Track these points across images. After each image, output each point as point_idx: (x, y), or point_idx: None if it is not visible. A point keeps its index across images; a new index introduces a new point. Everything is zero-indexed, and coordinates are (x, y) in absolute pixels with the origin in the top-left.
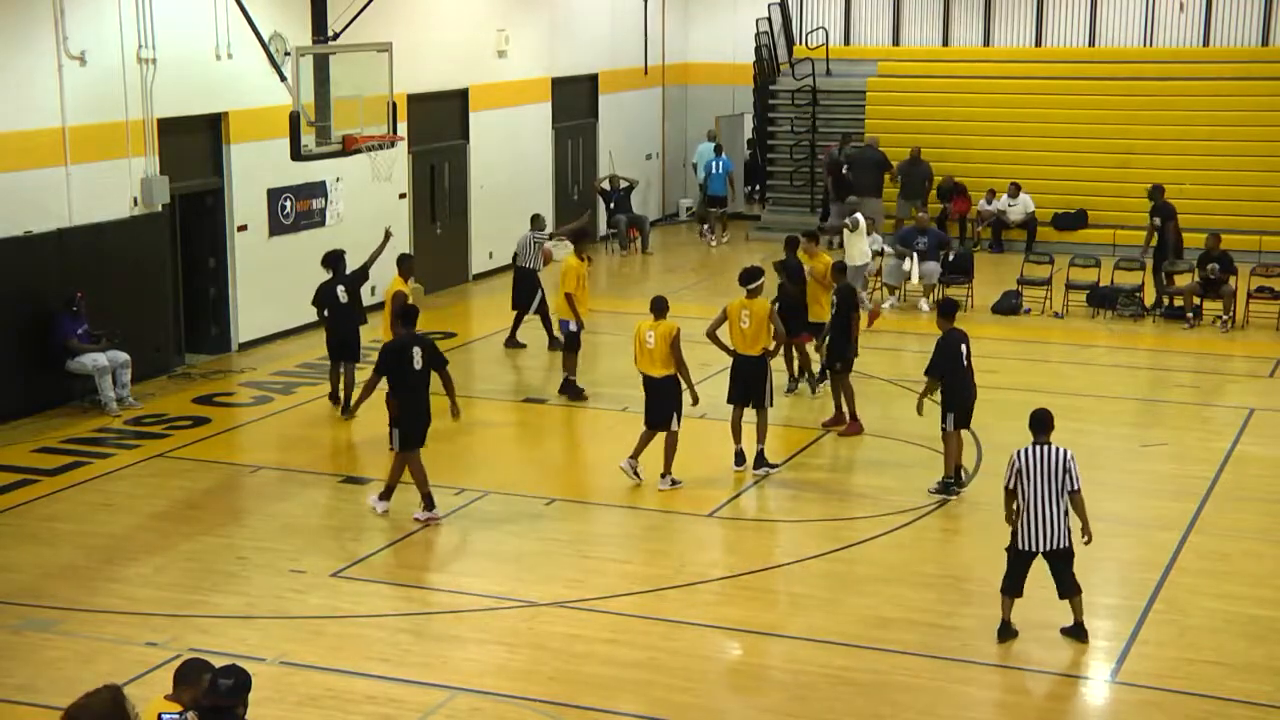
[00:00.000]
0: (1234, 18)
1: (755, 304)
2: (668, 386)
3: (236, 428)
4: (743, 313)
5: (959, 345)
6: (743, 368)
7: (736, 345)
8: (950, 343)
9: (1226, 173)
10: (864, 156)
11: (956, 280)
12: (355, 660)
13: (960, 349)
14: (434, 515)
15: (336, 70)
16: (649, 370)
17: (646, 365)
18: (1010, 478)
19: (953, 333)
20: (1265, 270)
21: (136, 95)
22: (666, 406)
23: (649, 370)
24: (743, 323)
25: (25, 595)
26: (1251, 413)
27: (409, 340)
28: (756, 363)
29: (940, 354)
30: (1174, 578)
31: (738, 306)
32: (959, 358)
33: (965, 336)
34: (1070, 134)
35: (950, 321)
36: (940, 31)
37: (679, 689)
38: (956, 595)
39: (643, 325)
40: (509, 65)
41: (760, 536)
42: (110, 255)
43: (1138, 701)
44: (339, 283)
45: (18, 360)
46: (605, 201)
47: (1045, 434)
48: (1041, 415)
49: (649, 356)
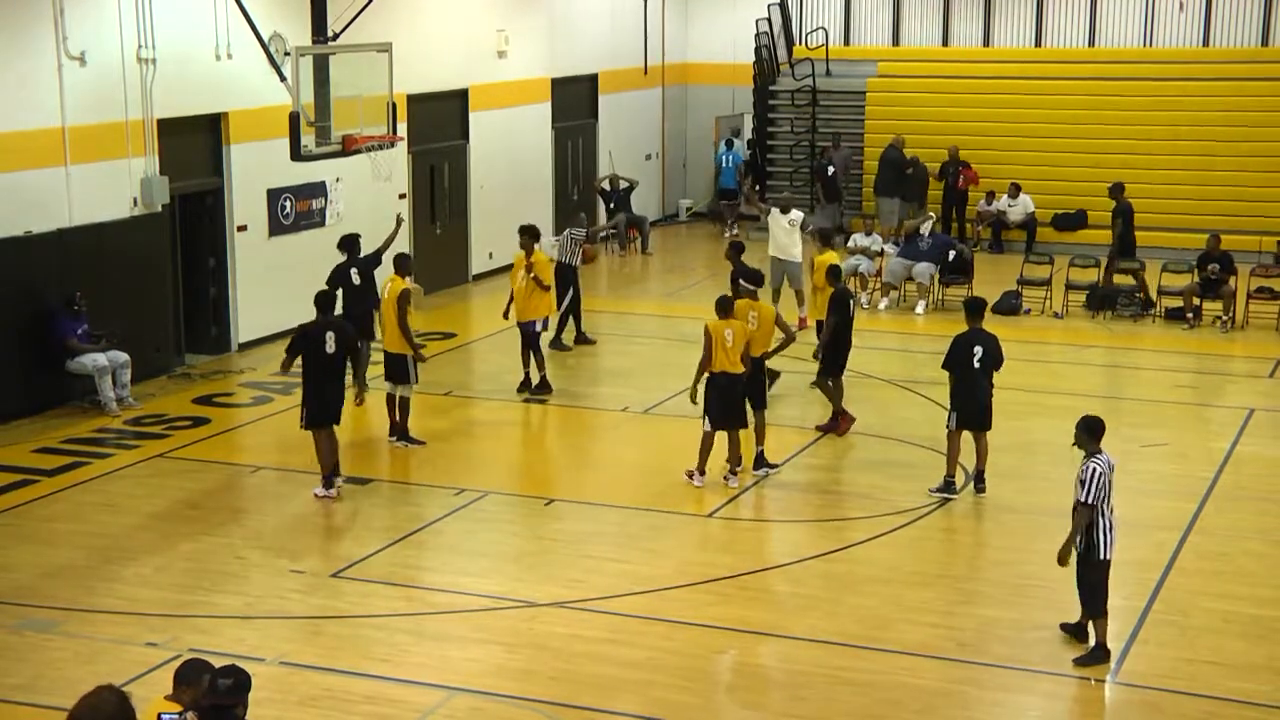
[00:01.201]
0: (1234, 18)
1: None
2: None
3: (236, 428)
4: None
5: (973, 345)
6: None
7: (724, 364)
8: (964, 341)
9: (1226, 173)
10: (884, 156)
11: (956, 280)
12: (354, 660)
13: (974, 349)
14: (329, 494)
15: (336, 70)
16: (733, 368)
17: (726, 363)
18: (1097, 492)
19: (973, 332)
20: (1265, 270)
21: (136, 95)
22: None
23: (733, 368)
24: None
25: (25, 595)
26: (1251, 413)
27: (324, 324)
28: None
29: (953, 350)
30: (1174, 578)
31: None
32: (971, 357)
33: (986, 338)
34: (1070, 134)
35: (978, 320)
36: (940, 31)
37: (679, 689)
38: (956, 595)
39: (718, 325)
40: (509, 65)
41: (760, 536)
42: (110, 255)
43: (1138, 701)
44: (352, 265)
45: (18, 360)
46: (605, 202)
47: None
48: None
49: (727, 355)
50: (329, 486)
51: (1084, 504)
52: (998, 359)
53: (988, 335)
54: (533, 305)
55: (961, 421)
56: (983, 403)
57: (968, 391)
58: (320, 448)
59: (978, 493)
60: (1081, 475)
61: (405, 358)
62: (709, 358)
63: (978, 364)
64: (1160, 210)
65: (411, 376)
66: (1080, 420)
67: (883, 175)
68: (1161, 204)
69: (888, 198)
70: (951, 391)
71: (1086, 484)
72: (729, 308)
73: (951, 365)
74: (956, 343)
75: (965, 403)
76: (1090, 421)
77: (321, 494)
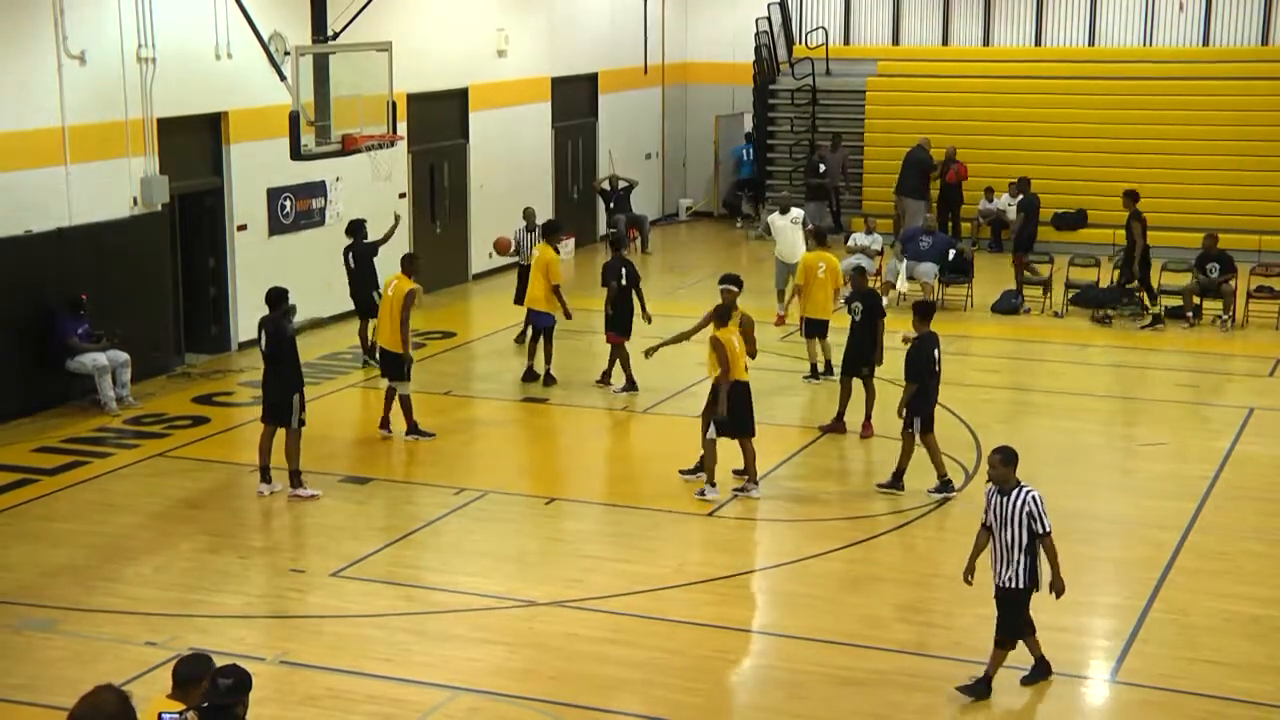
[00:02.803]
0: (1234, 17)
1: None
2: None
3: (236, 427)
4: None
5: (933, 350)
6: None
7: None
8: (925, 347)
9: (1226, 173)
10: (909, 157)
11: (956, 280)
12: (355, 660)
13: (934, 354)
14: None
15: (336, 70)
16: (744, 376)
17: (741, 372)
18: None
19: (928, 336)
20: (1265, 270)
21: (136, 95)
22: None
23: (744, 376)
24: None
25: (25, 595)
26: (1251, 412)
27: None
28: (746, 385)
29: (914, 359)
30: (1174, 578)
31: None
32: (932, 362)
33: (938, 341)
34: (1070, 134)
35: (926, 324)
36: (940, 31)
37: (679, 689)
38: (956, 595)
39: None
40: (509, 65)
41: (760, 536)
42: (110, 255)
43: (1138, 701)
44: (349, 250)
45: (18, 360)
46: (605, 201)
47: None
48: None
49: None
50: (265, 480)
51: (1047, 534)
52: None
53: (937, 338)
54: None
55: (925, 425)
56: (934, 405)
57: (926, 396)
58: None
59: (901, 490)
60: (1029, 508)
61: (399, 356)
62: (728, 370)
63: (937, 368)
64: (1160, 210)
65: (405, 373)
66: (1003, 451)
67: (909, 177)
68: (1161, 204)
69: (915, 199)
70: (911, 397)
71: (1040, 514)
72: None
73: (918, 374)
74: (916, 350)
75: (924, 406)
76: (1010, 453)
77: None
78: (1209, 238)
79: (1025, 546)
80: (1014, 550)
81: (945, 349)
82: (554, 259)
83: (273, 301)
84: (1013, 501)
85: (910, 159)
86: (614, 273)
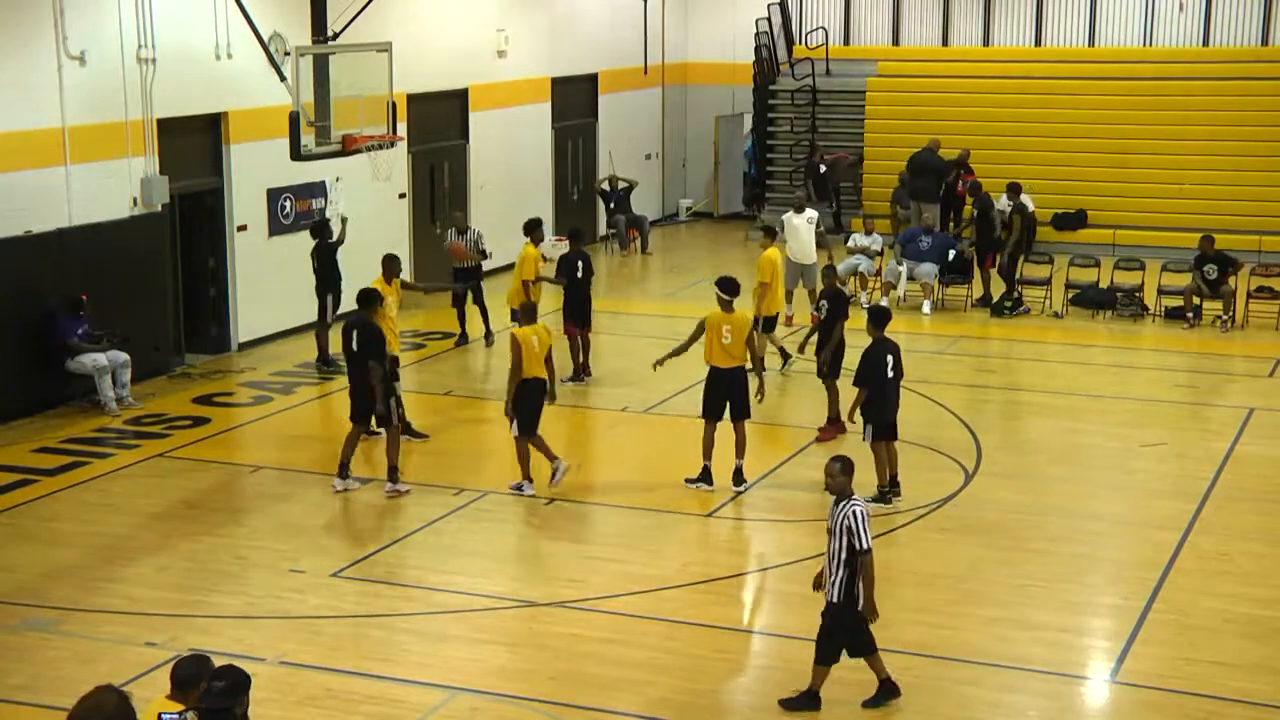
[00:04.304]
0: (1234, 17)
1: (735, 317)
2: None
3: (236, 428)
4: (724, 327)
5: (885, 356)
6: (723, 378)
7: (717, 359)
8: (876, 353)
9: (1226, 173)
10: (920, 160)
11: (955, 280)
12: (355, 660)
13: (886, 360)
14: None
15: (336, 70)
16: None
17: (724, 359)
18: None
19: (881, 342)
20: (1265, 270)
21: (136, 95)
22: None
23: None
24: (724, 338)
25: (25, 595)
26: (1251, 412)
27: (352, 322)
28: (737, 372)
29: (865, 365)
30: (1174, 578)
31: (718, 320)
32: (884, 369)
33: (895, 348)
34: (1070, 134)
35: (880, 330)
36: (940, 31)
37: (679, 689)
38: (956, 595)
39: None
40: (509, 65)
41: (760, 536)
42: (110, 255)
43: (1138, 701)
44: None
45: (18, 360)
46: (605, 201)
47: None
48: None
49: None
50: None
51: (867, 551)
52: (902, 369)
53: (894, 344)
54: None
55: (878, 433)
56: (894, 413)
57: (882, 403)
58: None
59: (894, 499)
60: (848, 522)
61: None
62: (519, 368)
63: (892, 374)
64: (1160, 210)
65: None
66: (841, 460)
67: (926, 181)
68: (1161, 204)
69: (930, 204)
70: (865, 404)
71: (859, 529)
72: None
73: (868, 380)
74: (868, 356)
75: (880, 414)
76: (848, 463)
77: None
78: (1205, 239)
79: (844, 560)
80: (834, 563)
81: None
82: (531, 256)
83: (363, 301)
84: (840, 512)
85: (924, 164)
86: (570, 265)
